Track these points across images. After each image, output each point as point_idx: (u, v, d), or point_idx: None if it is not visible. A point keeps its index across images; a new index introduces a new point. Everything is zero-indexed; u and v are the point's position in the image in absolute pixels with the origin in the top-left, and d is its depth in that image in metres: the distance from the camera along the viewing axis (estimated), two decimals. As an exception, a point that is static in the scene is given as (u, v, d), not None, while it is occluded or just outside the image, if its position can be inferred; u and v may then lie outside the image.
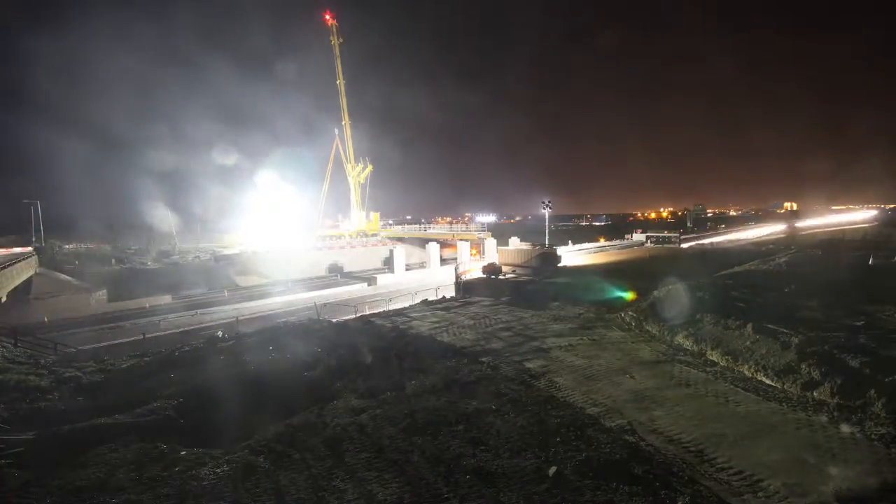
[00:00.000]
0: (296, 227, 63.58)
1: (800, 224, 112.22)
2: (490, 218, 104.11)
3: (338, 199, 77.49)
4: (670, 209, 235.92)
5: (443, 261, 53.88)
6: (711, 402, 11.97)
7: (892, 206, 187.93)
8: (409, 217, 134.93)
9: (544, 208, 56.22)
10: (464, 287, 34.42)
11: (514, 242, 57.12)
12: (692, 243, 72.86)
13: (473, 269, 43.87)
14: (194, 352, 18.75)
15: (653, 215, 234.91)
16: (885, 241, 50.64)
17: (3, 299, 30.50)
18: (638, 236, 78.47)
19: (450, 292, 33.68)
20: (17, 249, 48.19)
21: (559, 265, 47.51)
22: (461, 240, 56.57)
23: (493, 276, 40.20)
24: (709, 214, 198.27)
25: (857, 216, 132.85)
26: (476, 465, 8.85)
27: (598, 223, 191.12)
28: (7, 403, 13.02)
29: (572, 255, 58.84)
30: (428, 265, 52.56)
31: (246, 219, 65.11)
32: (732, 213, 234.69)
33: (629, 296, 25.52)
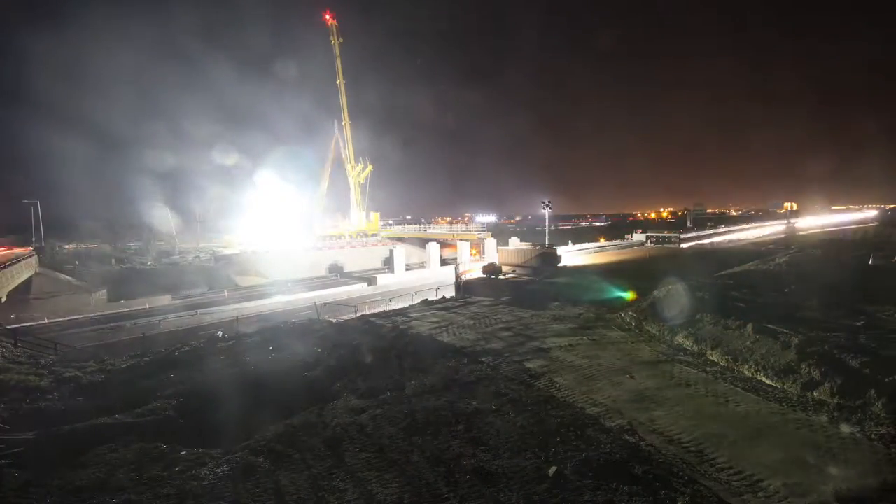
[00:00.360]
0: (295, 226, 63.55)
1: (799, 224, 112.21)
2: (490, 218, 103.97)
3: (338, 199, 77.49)
4: (670, 209, 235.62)
5: (443, 261, 53.85)
6: (711, 402, 11.97)
7: (892, 206, 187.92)
8: (409, 217, 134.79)
9: (544, 208, 56.19)
10: (464, 287, 34.43)
11: (514, 242, 57.13)
12: (692, 243, 72.84)
13: (473, 269, 43.88)
14: (194, 352, 18.77)
15: (653, 215, 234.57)
16: (886, 241, 50.58)
17: (3, 299, 30.51)
18: (638, 236, 78.40)
19: (450, 292, 33.67)
20: (17, 250, 48.17)
21: (559, 265, 47.50)
22: (461, 240, 56.55)
23: (493, 276, 40.21)
24: (709, 214, 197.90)
25: (857, 216, 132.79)
26: (476, 465, 8.85)
27: (598, 223, 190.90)
28: (7, 403, 13.04)
29: (572, 255, 58.80)
30: (428, 265, 52.53)
31: (246, 218, 65.07)
32: (732, 212, 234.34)
33: (629, 296, 25.53)
